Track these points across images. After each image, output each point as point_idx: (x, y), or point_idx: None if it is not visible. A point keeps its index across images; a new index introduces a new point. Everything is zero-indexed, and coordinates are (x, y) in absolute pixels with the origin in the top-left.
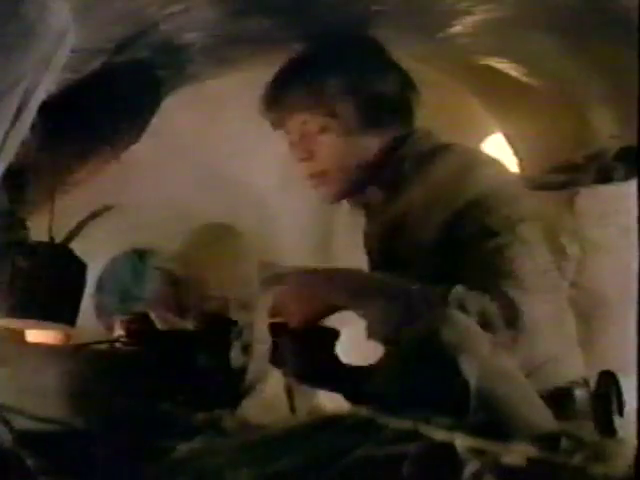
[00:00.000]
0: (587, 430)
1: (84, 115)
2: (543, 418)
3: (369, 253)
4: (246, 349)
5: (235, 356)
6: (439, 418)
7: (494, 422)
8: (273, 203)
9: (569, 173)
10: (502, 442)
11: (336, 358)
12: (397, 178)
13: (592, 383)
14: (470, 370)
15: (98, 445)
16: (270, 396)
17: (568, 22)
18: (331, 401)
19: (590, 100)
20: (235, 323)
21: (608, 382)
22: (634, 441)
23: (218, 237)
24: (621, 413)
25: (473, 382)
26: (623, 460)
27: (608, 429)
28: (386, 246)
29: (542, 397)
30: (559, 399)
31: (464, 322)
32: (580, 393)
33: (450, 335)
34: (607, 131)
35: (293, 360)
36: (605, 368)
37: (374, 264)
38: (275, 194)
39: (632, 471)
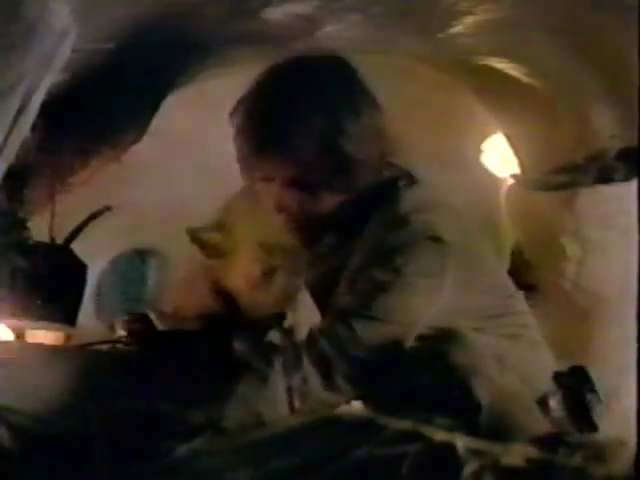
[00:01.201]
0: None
1: (85, 115)
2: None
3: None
4: None
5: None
6: (439, 419)
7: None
8: None
9: (569, 173)
10: (501, 443)
11: None
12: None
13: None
14: (483, 393)
15: (98, 445)
16: None
17: (568, 22)
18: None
19: (590, 100)
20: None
21: (580, 377)
22: (633, 441)
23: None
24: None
25: (486, 404)
26: (623, 460)
27: (588, 424)
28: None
29: None
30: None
31: (473, 343)
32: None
33: (460, 357)
34: (607, 131)
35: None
36: (605, 368)
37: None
38: None
39: (632, 471)
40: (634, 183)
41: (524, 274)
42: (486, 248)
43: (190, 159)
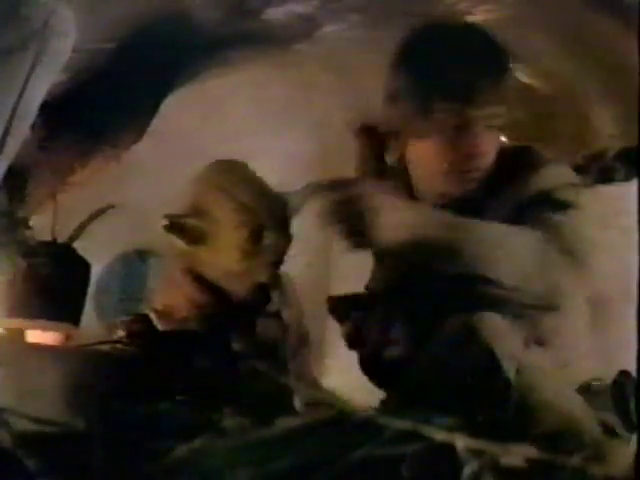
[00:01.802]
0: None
1: (85, 115)
2: (575, 405)
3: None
4: None
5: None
6: (439, 418)
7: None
8: None
9: None
10: (501, 443)
11: None
12: None
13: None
14: (509, 366)
15: (98, 445)
16: None
17: (567, 23)
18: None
19: (590, 100)
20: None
21: (625, 380)
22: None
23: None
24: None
25: (512, 377)
26: (622, 460)
27: (628, 423)
28: None
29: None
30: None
31: (497, 320)
32: (597, 388)
33: (487, 332)
34: (607, 131)
35: None
36: (605, 367)
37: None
38: None
39: (631, 471)
40: (634, 183)
41: None
42: None
43: (190, 159)
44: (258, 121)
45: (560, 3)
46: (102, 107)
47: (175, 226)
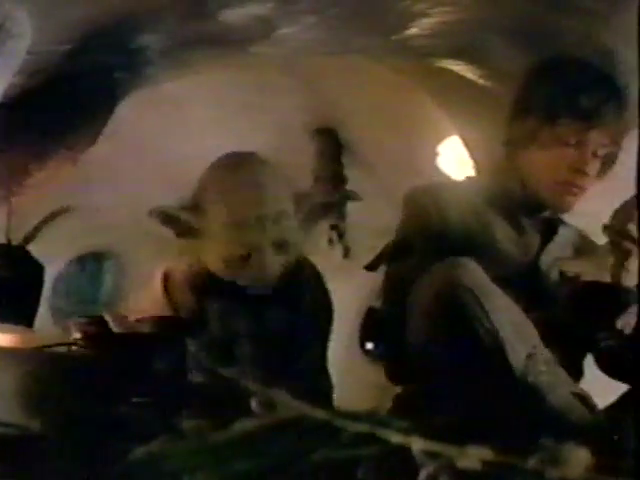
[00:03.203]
0: None
1: (40, 117)
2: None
3: None
4: None
5: None
6: (396, 421)
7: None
8: None
9: None
10: (457, 445)
11: None
12: None
13: None
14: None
15: (54, 448)
16: None
17: (524, 24)
18: None
19: None
20: None
21: None
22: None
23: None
24: None
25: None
26: (579, 464)
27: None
28: None
29: None
30: None
31: (478, 269)
32: None
33: (468, 279)
34: None
35: None
36: None
37: None
38: None
39: (588, 474)
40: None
41: None
42: None
43: (147, 161)
44: (216, 123)
45: (517, 5)
46: (57, 109)
47: (167, 217)
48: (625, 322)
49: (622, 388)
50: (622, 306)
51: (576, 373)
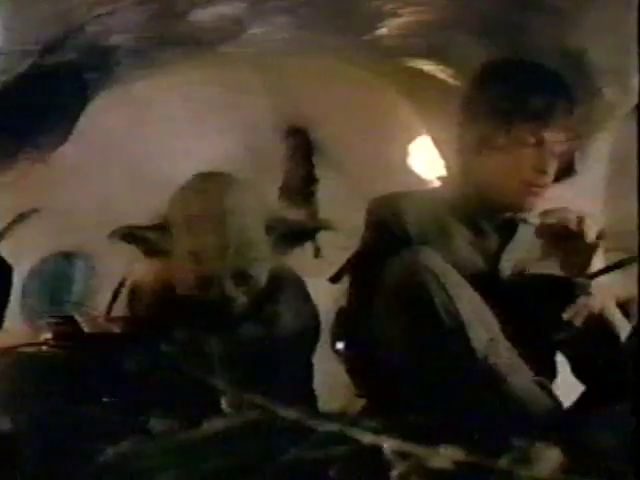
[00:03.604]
0: None
1: (9, 117)
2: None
3: None
4: None
5: None
6: (367, 421)
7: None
8: None
9: None
10: (429, 445)
11: None
12: None
13: None
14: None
15: (24, 448)
16: None
17: (494, 24)
18: None
19: None
20: None
21: None
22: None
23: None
24: None
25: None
26: (550, 463)
27: None
28: None
29: None
30: None
31: (439, 257)
32: None
33: (431, 263)
34: None
35: None
36: None
37: None
38: None
39: (559, 474)
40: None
41: None
42: None
43: (117, 160)
44: (186, 123)
45: (487, 5)
46: (27, 109)
47: (134, 236)
48: (574, 313)
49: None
50: (572, 298)
51: (550, 373)
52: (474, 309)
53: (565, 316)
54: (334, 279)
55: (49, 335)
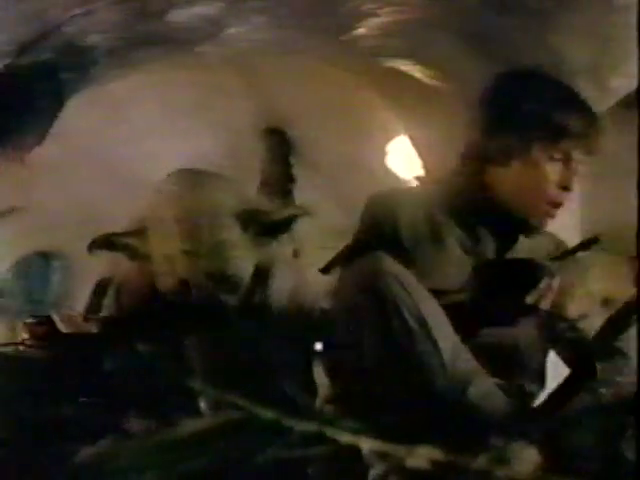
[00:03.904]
0: None
1: None
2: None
3: None
4: None
5: None
6: (345, 421)
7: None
8: None
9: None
10: (406, 445)
11: None
12: None
13: None
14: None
15: (2, 447)
16: None
17: (473, 25)
18: None
19: None
20: None
21: None
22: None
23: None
24: None
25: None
26: (526, 463)
27: None
28: None
29: None
30: None
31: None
32: None
33: (392, 267)
34: None
35: None
36: None
37: None
38: None
39: (536, 474)
40: None
41: None
42: None
43: (94, 160)
44: (162, 123)
45: (464, 5)
46: (3, 109)
47: (113, 244)
48: (538, 296)
49: None
50: (536, 281)
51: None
52: (436, 313)
53: (529, 299)
54: (325, 270)
55: (26, 335)
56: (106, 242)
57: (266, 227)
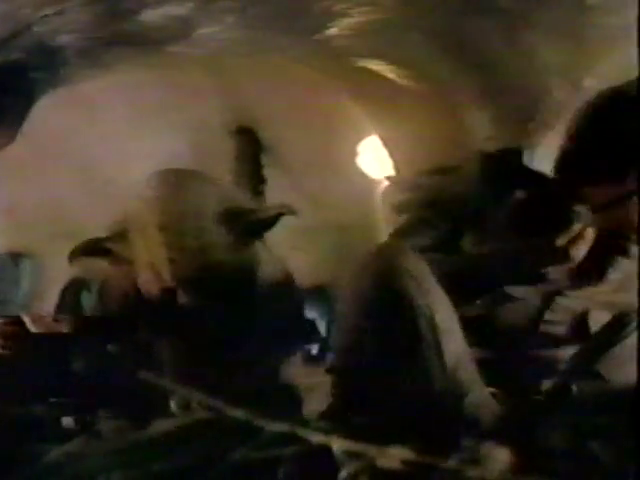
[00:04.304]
0: None
1: None
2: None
3: None
4: None
5: None
6: (316, 421)
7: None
8: None
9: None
10: (378, 445)
11: None
12: None
13: None
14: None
15: None
16: None
17: (444, 25)
18: None
19: (465, 102)
20: None
21: None
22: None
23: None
24: None
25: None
26: (497, 464)
27: None
28: None
29: None
30: None
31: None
32: None
33: (410, 265)
34: (483, 133)
35: None
36: None
37: None
38: None
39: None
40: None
41: None
42: None
43: (64, 160)
44: (133, 123)
45: (435, 5)
46: None
47: (93, 250)
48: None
49: None
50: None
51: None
52: (449, 315)
53: (559, 242)
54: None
55: None
56: (87, 249)
57: (252, 226)
